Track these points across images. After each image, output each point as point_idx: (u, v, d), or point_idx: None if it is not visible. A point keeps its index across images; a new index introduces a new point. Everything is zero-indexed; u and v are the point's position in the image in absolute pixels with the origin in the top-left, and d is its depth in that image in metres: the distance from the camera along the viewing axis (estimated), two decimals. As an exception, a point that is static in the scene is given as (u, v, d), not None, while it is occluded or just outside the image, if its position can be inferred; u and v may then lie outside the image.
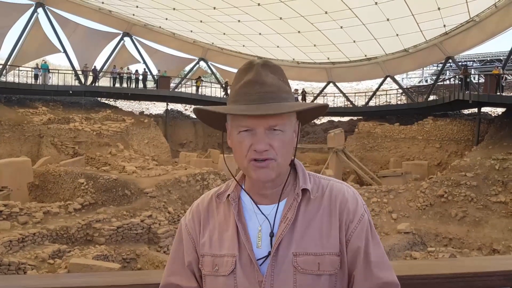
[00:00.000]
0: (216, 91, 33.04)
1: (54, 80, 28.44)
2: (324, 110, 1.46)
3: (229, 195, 1.45)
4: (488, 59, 40.57)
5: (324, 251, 1.35)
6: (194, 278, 1.46)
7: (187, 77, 34.33)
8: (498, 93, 21.38)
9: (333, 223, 1.37)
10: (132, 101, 33.57)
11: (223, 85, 31.82)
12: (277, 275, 1.33)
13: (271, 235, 1.37)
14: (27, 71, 28.11)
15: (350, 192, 1.43)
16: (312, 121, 32.40)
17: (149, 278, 1.75)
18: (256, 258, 1.35)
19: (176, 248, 1.52)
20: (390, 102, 31.81)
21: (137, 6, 27.27)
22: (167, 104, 31.12)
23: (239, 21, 27.02)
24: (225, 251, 1.40)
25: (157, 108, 34.97)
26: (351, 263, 1.37)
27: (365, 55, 29.76)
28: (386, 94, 31.87)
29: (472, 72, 30.32)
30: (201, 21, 28.11)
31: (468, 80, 23.23)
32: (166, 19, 28.91)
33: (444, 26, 25.05)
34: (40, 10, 28.07)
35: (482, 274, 1.55)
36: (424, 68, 40.08)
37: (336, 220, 1.38)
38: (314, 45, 28.87)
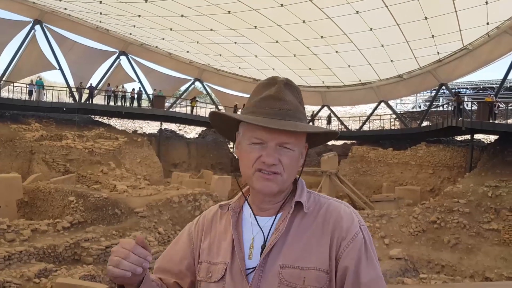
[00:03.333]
0: (210, 112, 33.06)
1: (49, 96, 28.42)
2: (334, 136, 1.53)
3: (230, 205, 1.50)
4: (481, 86, 41.06)
5: (311, 266, 1.33)
6: (179, 279, 1.51)
7: (182, 97, 34.42)
8: (491, 121, 21.55)
9: (323, 239, 1.36)
10: (125, 119, 33.53)
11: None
12: (262, 285, 1.34)
13: (263, 247, 1.38)
14: (21, 87, 28.06)
15: (347, 211, 1.42)
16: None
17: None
18: (245, 268, 1.37)
19: (172, 247, 1.58)
20: (383, 127, 31.98)
21: (134, 26, 27.48)
22: (161, 124, 31.11)
23: (235, 43, 27.26)
24: (220, 259, 1.44)
25: (151, 127, 34.95)
26: (340, 283, 1.33)
27: (360, 80, 30.03)
28: (380, 119, 32.08)
29: (465, 99, 30.62)
30: (197, 42, 28.34)
31: (461, 107, 23.44)
32: (163, 39, 29.12)
33: (438, 53, 25.41)
34: (37, 27, 28.20)
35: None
36: (418, 94, 40.48)
37: (328, 237, 1.36)
38: (310, 69, 29.13)
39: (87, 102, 28.82)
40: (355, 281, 1.31)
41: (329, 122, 31.76)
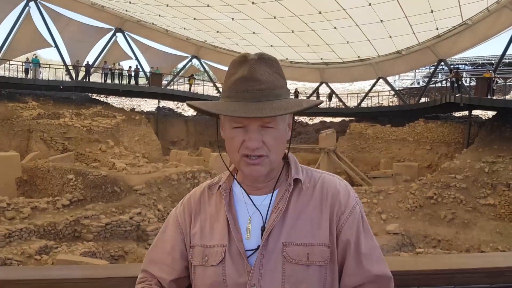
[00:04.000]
0: (208, 89, 32.97)
1: (45, 75, 28.22)
2: (318, 104, 1.47)
3: (220, 186, 1.46)
4: (480, 62, 40.84)
5: (314, 241, 1.34)
6: (174, 270, 1.45)
7: (180, 74, 34.22)
8: (489, 96, 21.53)
9: (323, 214, 1.37)
10: (123, 97, 33.43)
11: None
12: (265, 265, 1.33)
13: (263, 229, 1.36)
14: (17, 65, 27.83)
15: (342, 185, 1.43)
16: (304, 121, 32.53)
17: (127, 271, 1.73)
18: (245, 249, 1.35)
19: (160, 237, 1.52)
20: (382, 103, 31.93)
21: (130, 2, 27.12)
22: (159, 102, 31.00)
23: (232, 19, 26.97)
24: (215, 241, 1.40)
25: (149, 105, 34.84)
26: (342, 255, 1.37)
27: (358, 56, 29.84)
28: (378, 96, 31.99)
29: (464, 75, 30.50)
30: (194, 18, 28.02)
31: (460, 83, 23.36)
32: (159, 15, 28.78)
33: (437, 28, 25.19)
34: (32, 4, 27.83)
35: (463, 271, 1.53)
36: (417, 70, 40.24)
37: (327, 211, 1.37)
38: (308, 45, 28.90)
39: (84, 80, 28.65)
40: (357, 252, 1.36)
41: (330, 99, 31.75)
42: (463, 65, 41.10)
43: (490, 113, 24.59)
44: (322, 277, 1.34)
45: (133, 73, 30.03)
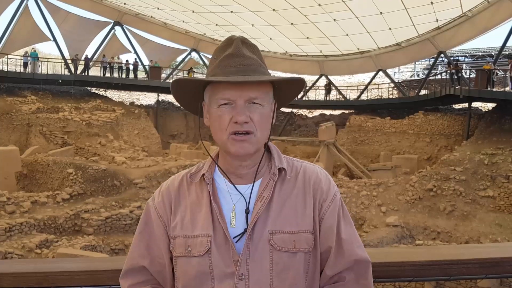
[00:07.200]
0: (208, 83, 32.87)
1: (44, 68, 28.13)
2: (301, 87, 1.47)
3: (203, 174, 1.44)
4: (480, 54, 40.76)
5: (299, 229, 1.37)
6: (160, 262, 1.45)
7: (179, 68, 34.14)
8: (489, 88, 21.48)
9: (307, 202, 1.40)
10: (122, 91, 33.34)
11: None
12: (253, 254, 1.34)
13: (247, 211, 1.37)
14: (16, 59, 27.76)
15: (323, 173, 1.47)
16: (304, 114, 32.45)
17: (123, 264, 1.72)
18: (232, 237, 1.35)
19: (142, 230, 1.48)
20: (381, 96, 31.87)
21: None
22: (158, 95, 30.94)
23: (231, 11, 26.86)
24: (198, 231, 1.38)
25: (148, 99, 34.77)
26: (324, 242, 1.40)
27: (358, 49, 29.75)
28: (378, 88, 31.92)
29: (464, 67, 30.43)
30: (193, 11, 27.90)
31: (459, 75, 23.29)
32: (158, 8, 28.65)
33: (437, 20, 25.08)
34: (29, -3, 27.70)
35: (457, 262, 1.54)
36: (416, 63, 40.20)
37: (311, 199, 1.40)
38: (307, 38, 28.81)
39: (83, 73, 28.58)
40: (338, 238, 1.39)
41: (329, 92, 31.70)
42: (463, 57, 41.05)
43: (490, 105, 24.56)
44: (306, 263, 1.37)
45: (131, 66, 29.95)
